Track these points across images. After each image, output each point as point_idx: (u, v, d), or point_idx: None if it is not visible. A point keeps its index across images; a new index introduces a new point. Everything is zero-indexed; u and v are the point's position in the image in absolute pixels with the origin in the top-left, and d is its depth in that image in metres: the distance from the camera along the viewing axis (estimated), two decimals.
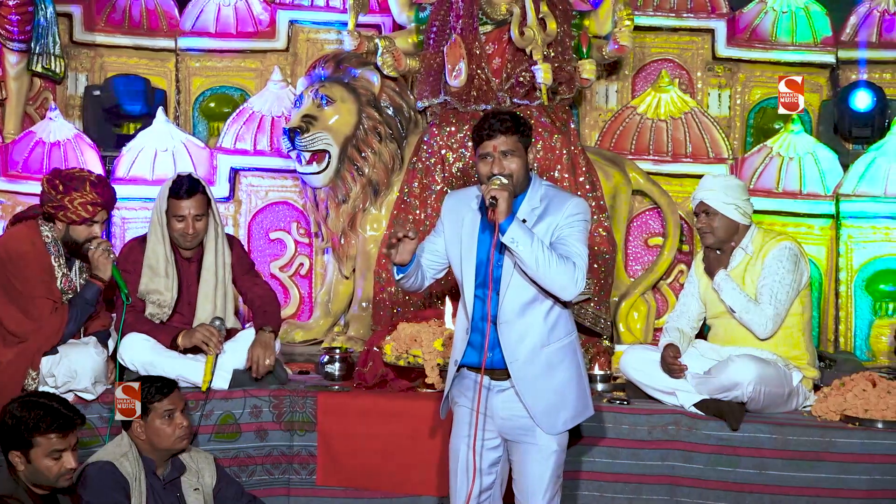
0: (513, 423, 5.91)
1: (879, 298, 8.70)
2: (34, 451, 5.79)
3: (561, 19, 7.98)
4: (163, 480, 6.54)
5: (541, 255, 5.57)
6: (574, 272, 5.64)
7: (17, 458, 5.82)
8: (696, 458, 6.90)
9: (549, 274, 5.60)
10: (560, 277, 5.63)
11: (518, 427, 5.91)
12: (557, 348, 5.85)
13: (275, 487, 7.21)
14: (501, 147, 5.74)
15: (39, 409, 5.80)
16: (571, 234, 5.74)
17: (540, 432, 5.88)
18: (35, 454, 5.79)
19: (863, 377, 7.18)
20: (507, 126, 5.76)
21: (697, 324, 7.37)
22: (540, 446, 5.91)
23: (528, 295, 5.76)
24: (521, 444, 5.93)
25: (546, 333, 5.81)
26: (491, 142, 5.75)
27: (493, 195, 5.52)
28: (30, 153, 8.95)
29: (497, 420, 5.92)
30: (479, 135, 5.78)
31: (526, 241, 5.56)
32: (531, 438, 5.91)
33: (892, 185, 8.66)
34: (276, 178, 8.96)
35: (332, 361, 7.60)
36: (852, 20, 10.16)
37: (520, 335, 5.78)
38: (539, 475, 5.95)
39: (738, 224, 7.14)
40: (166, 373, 7.01)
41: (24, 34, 9.62)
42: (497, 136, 5.75)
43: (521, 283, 5.74)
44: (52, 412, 5.80)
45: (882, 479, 6.73)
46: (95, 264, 7.06)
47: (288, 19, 10.09)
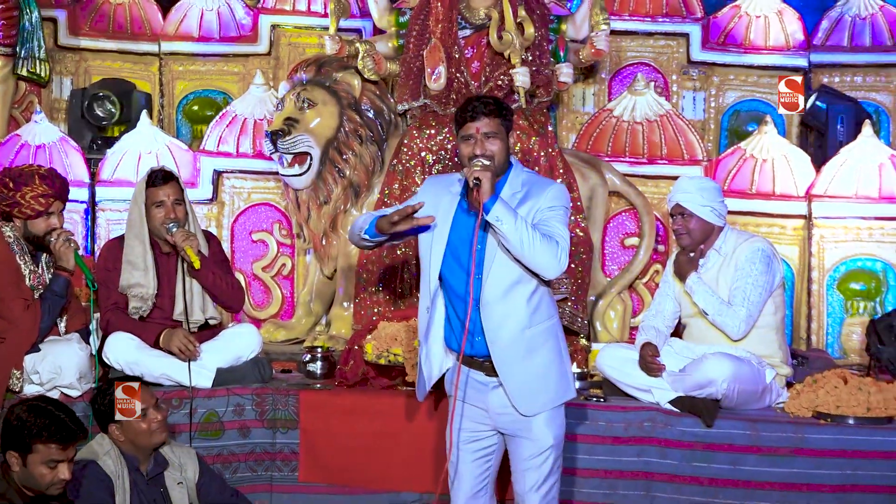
0: (507, 417, 5.92)
1: (851, 297, 8.74)
2: (32, 456, 5.78)
3: (539, 24, 8.00)
4: (146, 476, 6.53)
5: (525, 233, 5.60)
6: (557, 250, 5.67)
7: (13, 458, 5.81)
8: (671, 453, 6.92)
9: (533, 252, 5.63)
10: (544, 255, 5.65)
11: (512, 421, 5.91)
12: (539, 331, 5.87)
13: (258, 484, 7.21)
14: (484, 129, 5.77)
15: (46, 417, 5.79)
16: (553, 217, 5.77)
17: (535, 425, 5.89)
18: (32, 459, 5.78)
19: (834, 374, 7.21)
20: (489, 109, 5.80)
21: (673, 323, 7.40)
22: (535, 440, 5.93)
23: (513, 276, 5.77)
24: (517, 438, 5.94)
25: (528, 316, 5.83)
26: (474, 124, 5.78)
27: (477, 176, 5.58)
28: (15, 155, 8.94)
29: (493, 415, 5.93)
30: (463, 117, 5.81)
31: (510, 219, 5.59)
32: (526, 433, 5.92)
33: (863, 186, 8.70)
34: (259, 180, 8.96)
35: (314, 360, 7.61)
36: (824, 24, 10.21)
37: (502, 317, 5.79)
38: (535, 470, 5.96)
39: (713, 225, 7.17)
40: (150, 371, 7.05)
41: (9, 38, 9.65)
42: (480, 119, 5.78)
43: (505, 264, 5.75)
44: (57, 422, 5.79)
45: (853, 473, 6.77)
46: (58, 255, 7.05)
47: (270, 23, 10.13)
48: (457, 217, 5.87)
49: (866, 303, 8.71)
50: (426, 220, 5.81)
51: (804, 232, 8.80)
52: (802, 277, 8.80)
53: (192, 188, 8.52)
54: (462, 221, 5.85)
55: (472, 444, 6.00)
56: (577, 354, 7.59)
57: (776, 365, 7.17)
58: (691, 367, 7.00)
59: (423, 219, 5.80)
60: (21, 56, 9.79)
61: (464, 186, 5.80)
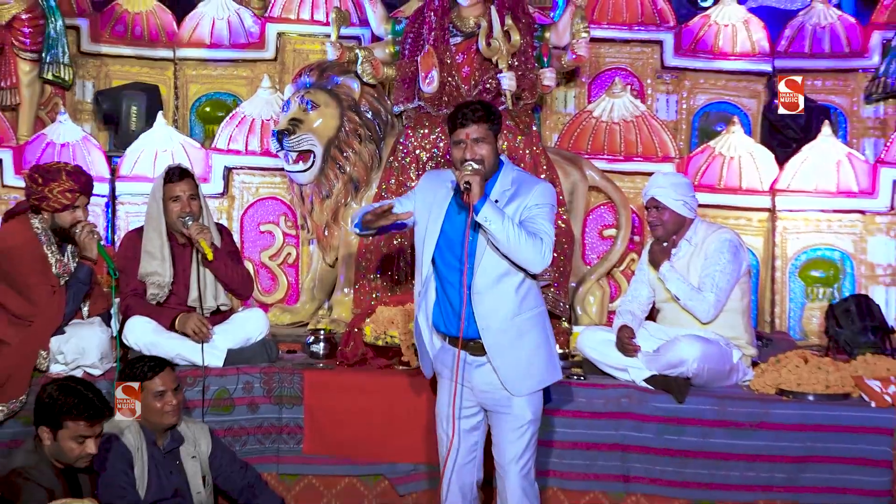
0: (491, 394, 5.95)
1: (811, 284, 8.74)
2: (62, 431, 5.81)
3: (524, 31, 7.99)
4: (163, 450, 6.56)
5: (511, 231, 5.64)
6: (541, 247, 5.72)
7: (45, 433, 5.85)
8: (645, 427, 6.92)
9: (519, 248, 5.68)
10: (528, 251, 5.69)
11: (496, 398, 5.95)
12: (527, 318, 5.90)
13: (266, 456, 7.20)
14: (473, 134, 5.81)
15: (75, 396, 5.83)
16: (539, 214, 5.80)
17: (515, 402, 5.92)
18: (62, 434, 5.81)
19: (796, 355, 7.23)
20: (478, 115, 5.84)
21: (647, 307, 7.39)
22: (516, 416, 5.95)
23: (501, 268, 5.81)
24: (499, 413, 5.97)
25: (517, 304, 5.87)
26: (464, 130, 5.82)
27: (467, 180, 5.64)
28: (41, 153, 8.93)
29: (477, 392, 5.97)
30: (453, 123, 5.86)
31: (497, 219, 5.64)
32: (507, 409, 5.95)
33: (823, 181, 8.71)
34: (266, 176, 8.95)
35: (318, 342, 7.59)
36: (787, 32, 10.20)
37: (493, 305, 5.83)
38: (515, 442, 5.99)
39: (684, 218, 7.17)
40: (166, 352, 7.03)
41: (35, 45, 9.65)
42: (469, 125, 5.82)
43: (494, 258, 5.80)
44: (85, 401, 5.82)
45: (813, 446, 6.78)
46: (83, 245, 7.06)
47: (276, 31, 10.11)
48: (450, 210, 5.91)
49: (825, 289, 8.72)
50: (404, 215, 5.91)
51: (768, 224, 8.80)
52: (767, 265, 8.80)
53: (204, 183, 8.51)
54: (455, 215, 5.89)
55: (462, 419, 6.02)
56: (560, 336, 7.57)
57: (742, 346, 7.17)
58: (664, 348, 7.00)
59: (402, 214, 5.88)
60: (47, 61, 9.77)
61: (456, 186, 5.82)
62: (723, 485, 6.86)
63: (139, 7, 10.40)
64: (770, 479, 6.82)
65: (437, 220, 5.93)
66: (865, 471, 6.75)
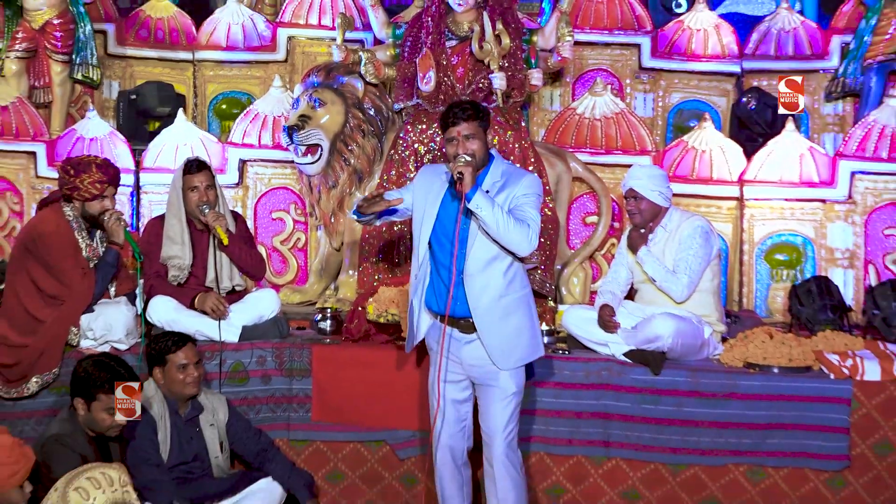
0: (479, 369, 6.00)
1: (775, 266, 8.74)
2: (95, 403, 5.87)
3: (513, 35, 7.98)
4: (184, 418, 6.60)
5: (500, 218, 5.70)
6: (528, 232, 5.77)
7: (80, 404, 5.91)
8: (624, 397, 6.95)
9: (508, 233, 5.74)
10: (516, 236, 5.75)
11: (483, 372, 6.00)
12: (514, 299, 5.95)
13: (277, 423, 7.22)
14: (464, 132, 5.87)
15: (108, 371, 5.90)
16: (526, 203, 5.86)
17: (501, 376, 5.97)
18: (95, 406, 5.87)
19: (762, 331, 7.26)
20: (468, 114, 5.91)
21: (626, 288, 7.42)
22: (501, 388, 6.00)
23: (491, 253, 5.86)
24: (486, 386, 6.02)
25: (505, 286, 5.92)
26: (455, 128, 5.90)
27: (460, 171, 5.71)
28: (72, 147, 8.93)
29: (465, 366, 6.02)
30: (445, 122, 5.94)
31: (488, 206, 5.70)
32: (494, 382, 5.99)
33: (787, 172, 8.71)
34: (278, 168, 8.93)
35: (325, 319, 7.60)
36: (754, 36, 10.19)
37: (482, 287, 5.89)
38: (500, 413, 6.03)
39: (660, 206, 7.20)
40: (187, 328, 7.05)
41: (66, 48, 9.65)
42: (460, 123, 5.89)
43: (485, 243, 5.86)
44: (117, 376, 5.90)
45: (777, 414, 6.82)
46: (110, 231, 7.09)
47: (287, 35, 10.09)
48: (445, 200, 5.96)
49: (788, 271, 8.72)
50: (395, 202, 5.99)
51: (737, 211, 8.80)
52: (735, 249, 8.81)
53: (220, 174, 8.49)
54: (449, 204, 5.94)
55: (452, 391, 6.07)
56: (546, 314, 7.59)
57: (713, 323, 7.20)
58: (641, 324, 7.03)
59: (392, 201, 5.95)
60: (76, 62, 9.77)
61: (450, 178, 5.86)
62: (695, 450, 6.90)
63: (161, 13, 10.39)
64: (738, 444, 6.86)
65: (432, 209, 5.98)
66: (825, 437, 6.79)
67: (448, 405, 6.13)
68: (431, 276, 6.08)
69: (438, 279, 6.03)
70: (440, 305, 6.01)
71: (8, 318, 7.11)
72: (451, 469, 6.25)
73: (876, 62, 9.52)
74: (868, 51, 9.56)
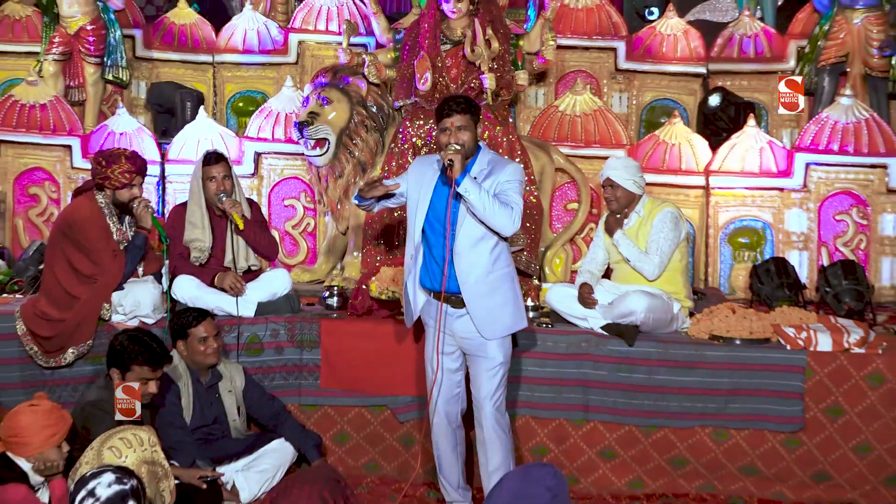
0: (469, 341, 6.00)
1: (738, 248, 8.73)
2: (129, 374, 5.88)
3: (502, 40, 7.96)
4: (205, 385, 6.61)
5: (487, 201, 5.72)
6: (512, 214, 5.79)
7: (116, 374, 5.92)
8: (602, 366, 6.93)
9: (494, 215, 5.76)
10: (501, 218, 5.77)
11: (473, 344, 6.00)
12: (498, 276, 5.97)
13: (289, 390, 7.21)
14: (457, 123, 5.90)
15: (142, 345, 5.91)
16: (510, 188, 5.87)
17: (489, 347, 5.98)
18: (129, 376, 5.88)
19: (725, 306, 7.26)
20: (461, 107, 5.95)
21: (603, 268, 7.40)
22: (490, 358, 6.00)
23: (478, 233, 5.87)
24: (476, 357, 6.02)
25: (491, 264, 5.93)
26: (449, 119, 5.93)
27: (450, 158, 5.75)
28: (104, 141, 8.90)
29: (457, 338, 6.03)
30: (440, 113, 5.98)
31: (475, 190, 5.72)
32: (483, 353, 6.00)
33: (748, 164, 8.70)
34: (289, 160, 8.90)
35: (332, 296, 7.59)
36: (719, 41, 10.18)
37: (470, 264, 5.91)
38: (489, 381, 6.04)
39: (634, 194, 7.18)
40: (207, 304, 7.05)
41: (98, 51, 9.65)
42: (453, 115, 5.92)
43: (472, 224, 5.86)
44: (150, 350, 5.91)
45: (739, 381, 6.81)
46: (139, 217, 7.10)
47: (297, 40, 10.06)
48: (437, 186, 5.96)
49: (749, 252, 8.71)
50: (392, 186, 6.03)
51: (703, 199, 8.80)
52: (702, 233, 8.80)
53: (237, 165, 8.50)
54: (440, 190, 5.94)
55: (446, 361, 6.07)
56: (532, 292, 7.58)
57: (681, 299, 7.19)
58: (617, 301, 7.02)
59: (390, 186, 6.00)
60: (107, 64, 9.77)
61: (441, 165, 5.85)
62: (665, 413, 6.89)
63: (184, 19, 10.38)
64: (704, 408, 6.85)
65: (426, 195, 5.98)
66: (781, 401, 6.78)
67: (444, 374, 6.13)
68: (425, 256, 6.07)
69: (431, 259, 6.03)
70: (434, 283, 6.01)
71: (47, 295, 7.10)
72: (446, 431, 6.26)
73: (828, 64, 9.54)
74: (821, 54, 9.57)
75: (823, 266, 8.22)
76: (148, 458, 4.95)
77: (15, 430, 5.40)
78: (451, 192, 5.80)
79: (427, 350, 6.19)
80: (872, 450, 6.78)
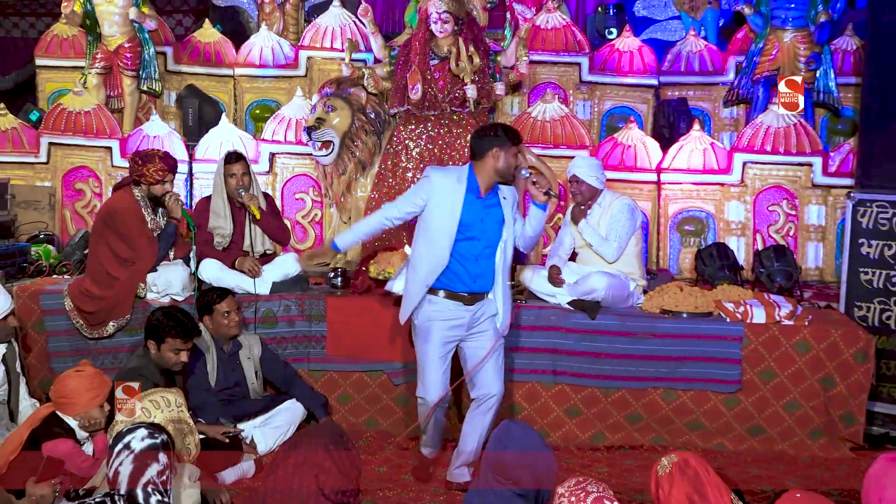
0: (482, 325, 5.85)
1: (685, 235, 8.73)
2: (164, 345, 5.88)
3: (482, 56, 7.92)
4: (227, 353, 6.58)
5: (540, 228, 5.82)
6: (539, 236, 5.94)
7: (152, 345, 5.92)
8: (569, 336, 6.92)
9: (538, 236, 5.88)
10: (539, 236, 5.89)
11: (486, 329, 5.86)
12: (507, 274, 5.85)
13: (299, 357, 7.18)
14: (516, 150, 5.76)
15: (174, 320, 5.93)
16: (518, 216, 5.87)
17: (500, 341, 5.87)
18: (164, 347, 5.88)
19: (674, 285, 7.25)
20: (518, 139, 5.80)
21: (569, 252, 7.38)
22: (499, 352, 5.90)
23: (499, 240, 5.74)
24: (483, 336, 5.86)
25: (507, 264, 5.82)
26: (516, 147, 5.74)
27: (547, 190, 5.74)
28: (139, 143, 8.88)
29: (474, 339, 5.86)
30: (511, 138, 5.73)
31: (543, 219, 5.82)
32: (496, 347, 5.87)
33: (693, 162, 8.71)
34: (299, 159, 8.89)
35: (337, 276, 7.56)
36: (669, 57, 10.16)
37: (497, 266, 5.75)
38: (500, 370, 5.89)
39: (596, 188, 7.16)
40: (229, 284, 7.03)
41: (135, 66, 9.64)
42: (518, 143, 5.78)
43: (498, 233, 5.75)
44: (181, 325, 5.93)
45: (686, 349, 6.81)
46: (170, 209, 7.07)
47: (306, 56, 10.03)
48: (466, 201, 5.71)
49: (695, 238, 8.72)
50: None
51: (655, 192, 8.79)
52: (654, 221, 8.79)
53: (254, 164, 8.46)
54: (470, 204, 5.72)
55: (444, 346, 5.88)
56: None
57: (636, 279, 7.18)
58: (581, 280, 7.00)
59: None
60: (143, 77, 9.75)
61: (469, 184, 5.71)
62: (623, 377, 6.88)
63: (208, 38, 10.33)
64: (656, 372, 6.85)
65: (455, 212, 5.69)
66: (722, 366, 6.78)
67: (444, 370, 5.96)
68: (452, 263, 5.74)
69: (459, 265, 5.75)
70: (469, 285, 5.78)
71: (91, 276, 7.07)
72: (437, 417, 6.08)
73: (762, 77, 9.54)
74: (756, 68, 9.58)
75: (758, 250, 8.24)
76: (174, 417, 4.92)
77: (63, 392, 5.45)
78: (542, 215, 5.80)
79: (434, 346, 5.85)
80: (800, 407, 6.78)
